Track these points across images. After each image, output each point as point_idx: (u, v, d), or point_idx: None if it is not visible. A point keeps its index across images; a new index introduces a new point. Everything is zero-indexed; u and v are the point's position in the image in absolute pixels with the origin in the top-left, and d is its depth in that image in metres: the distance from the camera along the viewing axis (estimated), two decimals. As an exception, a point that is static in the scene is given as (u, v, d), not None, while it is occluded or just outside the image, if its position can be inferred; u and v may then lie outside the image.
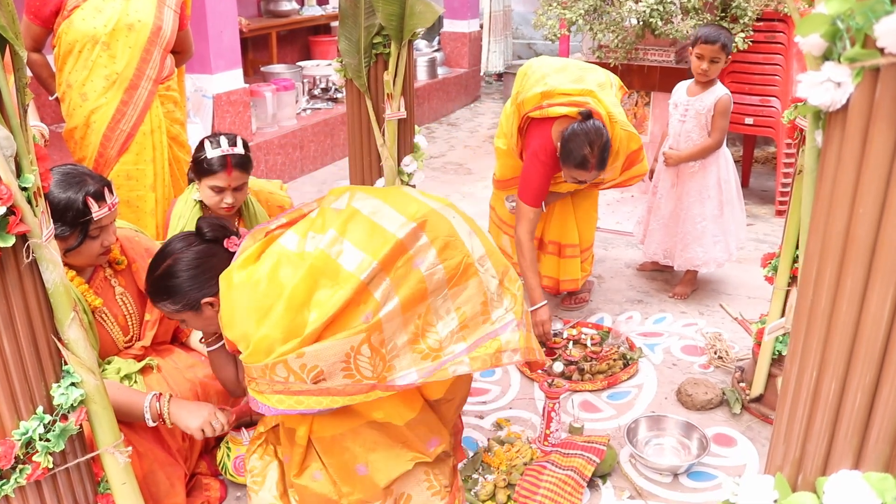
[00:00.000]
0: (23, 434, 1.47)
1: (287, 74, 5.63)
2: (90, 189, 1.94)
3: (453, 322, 1.73)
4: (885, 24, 0.67)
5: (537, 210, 2.94)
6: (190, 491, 2.15)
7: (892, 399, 0.81)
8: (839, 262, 0.81)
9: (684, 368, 2.86)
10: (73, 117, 2.81)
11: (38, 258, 1.46)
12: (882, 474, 0.83)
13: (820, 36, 0.77)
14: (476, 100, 7.71)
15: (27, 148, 1.42)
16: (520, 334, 1.78)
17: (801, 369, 0.89)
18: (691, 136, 3.19)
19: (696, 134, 3.18)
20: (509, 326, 1.78)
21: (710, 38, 3.02)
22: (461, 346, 1.72)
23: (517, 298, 1.83)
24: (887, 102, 0.73)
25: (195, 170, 2.53)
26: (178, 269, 1.84)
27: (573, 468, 2.13)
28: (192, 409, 1.98)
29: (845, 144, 0.78)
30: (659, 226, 3.38)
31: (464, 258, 1.74)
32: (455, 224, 1.79)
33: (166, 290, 1.85)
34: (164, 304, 1.87)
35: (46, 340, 1.51)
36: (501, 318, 1.78)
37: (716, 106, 3.11)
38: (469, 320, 1.74)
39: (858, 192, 0.77)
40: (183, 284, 1.83)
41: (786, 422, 0.93)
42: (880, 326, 0.79)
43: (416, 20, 2.51)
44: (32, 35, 2.79)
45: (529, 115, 2.90)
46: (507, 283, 1.83)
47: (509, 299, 1.82)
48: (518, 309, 1.81)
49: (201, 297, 1.84)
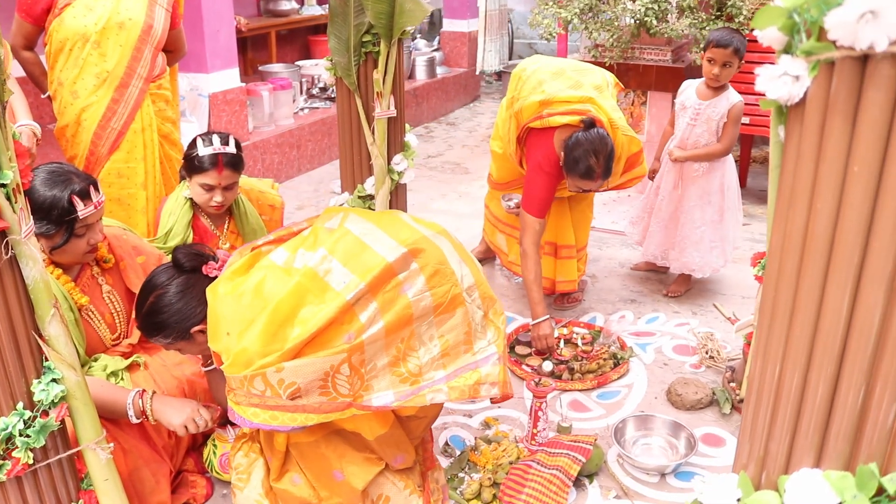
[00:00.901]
0: (2, 430, 1.47)
1: (285, 74, 5.63)
2: (76, 187, 1.94)
3: (435, 349, 1.74)
4: (835, 16, 0.67)
5: (542, 221, 2.90)
6: (176, 488, 2.15)
7: (851, 396, 0.80)
8: (799, 257, 0.81)
9: (675, 368, 2.85)
10: (64, 115, 2.82)
11: (17, 254, 1.46)
12: (842, 473, 0.82)
13: (778, 29, 0.76)
14: (475, 99, 7.71)
15: (5, 145, 1.42)
16: (500, 368, 1.80)
17: (764, 365, 0.88)
18: (700, 140, 3.15)
19: (704, 139, 3.14)
20: (491, 359, 1.79)
21: (722, 41, 2.94)
22: (440, 374, 1.73)
23: (500, 332, 1.84)
24: (842, 96, 0.72)
25: (186, 167, 2.53)
26: (162, 305, 1.86)
27: (559, 467, 2.13)
28: (175, 405, 1.98)
29: (803, 139, 0.77)
30: (659, 227, 3.35)
31: (451, 287, 1.75)
32: (446, 252, 1.80)
33: (155, 326, 1.87)
34: (156, 339, 1.90)
35: (27, 337, 1.51)
36: (483, 350, 1.80)
37: (729, 113, 3.06)
38: (451, 349, 1.75)
39: (816, 186, 0.77)
40: (170, 319, 1.85)
41: (750, 419, 0.93)
42: (839, 321, 0.79)
43: (405, 19, 2.50)
44: (24, 33, 2.79)
45: (529, 126, 2.86)
46: (491, 315, 1.84)
47: (493, 331, 1.83)
48: (500, 342, 1.83)
49: (189, 326, 1.86)
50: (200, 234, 2.65)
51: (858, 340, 0.78)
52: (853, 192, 0.73)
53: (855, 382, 0.80)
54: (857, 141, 0.72)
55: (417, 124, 6.64)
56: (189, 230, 2.59)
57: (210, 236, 2.67)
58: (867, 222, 0.74)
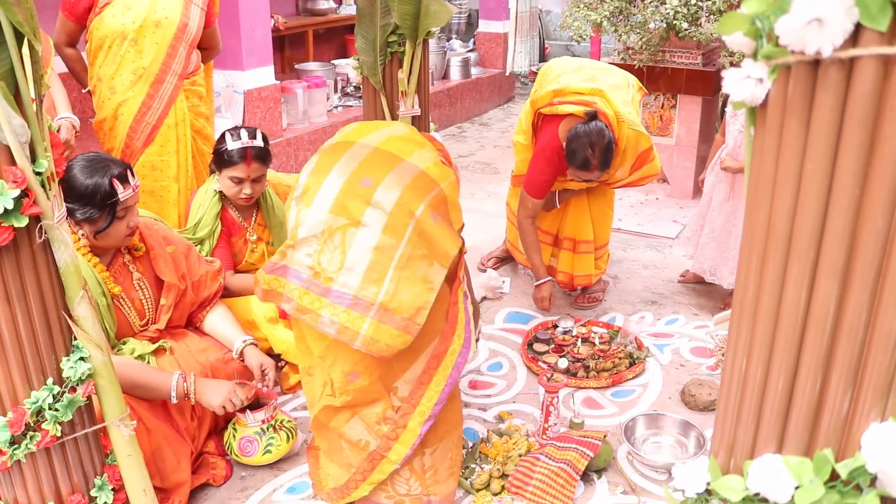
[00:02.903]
0: (33, 403, 1.57)
1: (320, 72, 5.74)
2: (115, 172, 2.07)
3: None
4: (783, 23, 0.71)
5: (539, 202, 3.04)
6: (197, 468, 2.25)
7: (809, 385, 0.84)
8: (763, 253, 0.85)
9: (691, 369, 2.87)
10: (102, 109, 2.94)
11: (50, 239, 1.56)
12: (801, 458, 0.86)
13: (744, 35, 0.80)
14: (510, 100, 7.74)
15: (42, 135, 1.52)
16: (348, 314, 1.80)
17: (734, 356, 0.92)
18: None
19: None
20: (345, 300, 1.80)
21: None
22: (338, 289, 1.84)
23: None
24: (798, 98, 0.76)
25: (216, 161, 2.64)
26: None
27: (567, 461, 2.17)
28: (214, 386, 2.15)
29: (765, 139, 0.81)
30: (710, 239, 3.26)
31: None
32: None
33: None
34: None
35: (57, 316, 1.61)
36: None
37: None
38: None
39: (776, 185, 0.81)
40: None
41: (722, 408, 0.97)
42: (797, 314, 0.83)
43: (430, 20, 2.57)
44: (67, 31, 2.93)
45: (541, 111, 2.97)
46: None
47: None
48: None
49: None
50: (228, 225, 2.75)
51: (815, 332, 0.82)
52: (807, 190, 0.77)
53: (812, 372, 0.83)
54: (811, 141, 0.76)
55: (451, 124, 6.70)
56: (217, 222, 2.69)
57: (238, 228, 2.77)
58: (821, 219, 0.78)
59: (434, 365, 1.94)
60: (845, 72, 0.73)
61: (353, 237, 1.80)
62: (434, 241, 1.87)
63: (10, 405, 1.57)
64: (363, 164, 1.90)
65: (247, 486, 2.26)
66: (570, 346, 2.98)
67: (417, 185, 1.89)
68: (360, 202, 1.83)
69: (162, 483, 2.07)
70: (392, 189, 1.85)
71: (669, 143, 4.55)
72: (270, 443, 2.24)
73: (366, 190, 1.85)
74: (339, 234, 1.80)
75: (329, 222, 1.82)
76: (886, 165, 0.73)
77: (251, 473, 2.30)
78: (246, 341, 2.40)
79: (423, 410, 1.93)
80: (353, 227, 1.80)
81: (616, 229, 3.57)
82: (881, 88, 0.72)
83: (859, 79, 0.73)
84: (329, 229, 1.81)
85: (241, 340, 2.40)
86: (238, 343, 2.39)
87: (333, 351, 1.90)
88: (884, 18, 0.69)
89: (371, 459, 1.99)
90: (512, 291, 3.51)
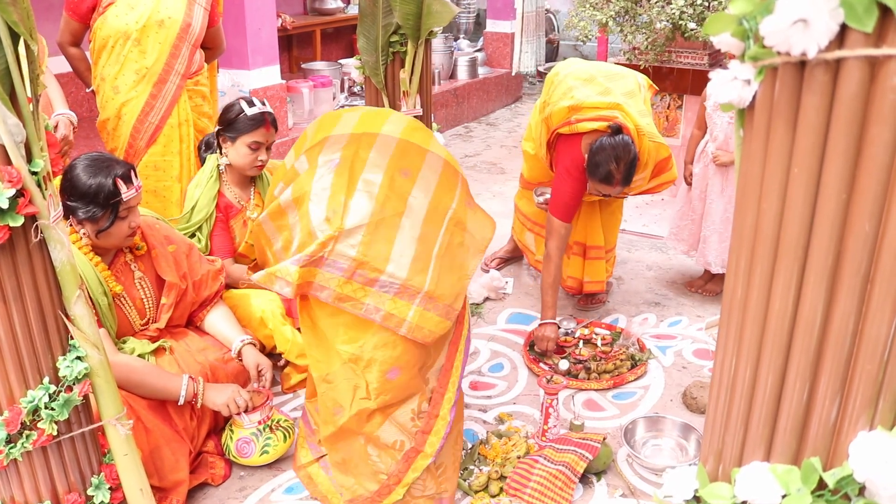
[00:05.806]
0: (29, 402, 1.58)
1: (327, 71, 5.75)
2: (118, 171, 2.08)
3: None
4: (767, 24, 0.69)
5: (568, 226, 2.91)
6: (195, 468, 2.25)
7: (797, 390, 0.83)
8: (750, 255, 0.83)
9: (694, 372, 2.85)
10: (105, 109, 2.95)
11: (46, 238, 1.56)
12: (788, 466, 0.85)
13: (731, 35, 0.79)
14: (517, 100, 7.72)
15: (38, 135, 1.52)
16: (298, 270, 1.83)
17: (723, 361, 0.91)
18: None
19: None
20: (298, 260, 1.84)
21: None
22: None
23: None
24: (784, 100, 0.75)
25: (229, 129, 2.66)
26: None
27: (565, 463, 2.15)
28: (219, 388, 2.22)
29: (753, 141, 0.80)
30: (712, 232, 3.26)
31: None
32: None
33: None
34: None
35: (54, 316, 1.61)
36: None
37: None
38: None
39: (763, 187, 0.80)
40: None
41: (712, 414, 0.96)
42: (785, 317, 0.81)
43: (432, 20, 2.56)
44: (71, 30, 2.94)
45: (558, 132, 2.88)
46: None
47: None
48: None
49: None
50: (225, 209, 2.78)
51: (803, 336, 0.80)
52: (794, 193, 0.76)
53: (800, 377, 0.82)
54: (797, 143, 0.75)
55: (458, 124, 6.68)
56: (213, 204, 2.73)
57: (234, 210, 2.79)
58: (808, 222, 0.76)
59: (453, 351, 2.03)
60: (831, 73, 0.72)
61: (397, 228, 1.86)
62: (470, 229, 1.97)
63: (6, 404, 1.58)
64: (396, 157, 1.94)
65: (245, 485, 2.26)
66: (572, 347, 2.97)
67: (447, 176, 1.99)
68: (401, 193, 1.89)
69: (160, 482, 2.07)
70: (429, 181, 1.94)
71: (675, 144, 4.52)
72: (267, 443, 2.24)
73: (406, 181, 1.91)
74: (386, 225, 1.85)
75: (376, 213, 1.86)
76: (873, 168, 0.72)
77: (250, 473, 2.30)
78: (244, 341, 2.41)
79: (450, 397, 2.01)
80: (398, 218, 1.86)
81: (620, 230, 3.54)
82: (867, 90, 0.71)
83: (845, 80, 0.71)
84: (375, 221, 1.85)
85: (239, 340, 2.41)
86: (236, 342, 2.40)
87: (369, 352, 1.90)
88: (869, 19, 0.67)
89: (406, 459, 2.00)
90: (515, 292, 3.50)
